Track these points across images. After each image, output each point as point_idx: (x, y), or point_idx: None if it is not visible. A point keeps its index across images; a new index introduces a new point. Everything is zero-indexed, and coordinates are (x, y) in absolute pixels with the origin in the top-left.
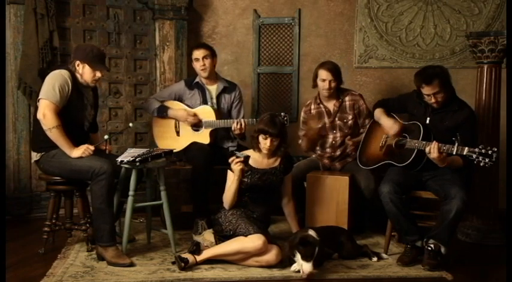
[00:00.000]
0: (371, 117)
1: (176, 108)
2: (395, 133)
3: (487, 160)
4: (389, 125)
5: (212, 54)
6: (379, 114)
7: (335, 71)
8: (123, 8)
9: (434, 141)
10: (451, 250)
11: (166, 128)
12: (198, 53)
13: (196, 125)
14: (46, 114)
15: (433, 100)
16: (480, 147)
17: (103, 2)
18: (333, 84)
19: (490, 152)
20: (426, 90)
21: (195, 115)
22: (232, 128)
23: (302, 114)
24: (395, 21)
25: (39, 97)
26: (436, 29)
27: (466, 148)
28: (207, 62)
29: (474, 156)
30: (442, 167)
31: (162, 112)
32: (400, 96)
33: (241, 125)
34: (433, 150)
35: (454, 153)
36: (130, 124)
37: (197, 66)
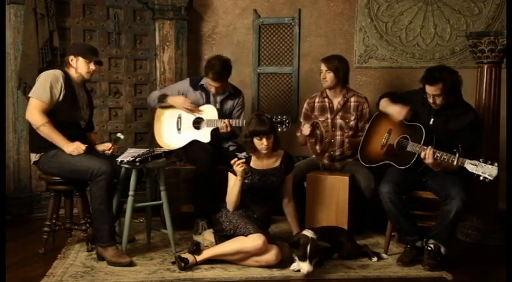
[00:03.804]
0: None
1: (175, 95)
2: (405, 116)
3: (487, 174)
4: (396, 110)
5: (226, 81)
6: (385, 103)
7: (332, 63)
8: (123, 8)
9: (429, 147)
10: (451, 250)
11: (168, 124)
12: (213, 83)
13: (198, 123)
14: (32, 114)
15: (431, 100)
16: (481, 160)
17: (103, 2)
18: (328, 76)
19: (490, 166)
20: (427, 88)
21: (193, 104)
22: (220, 127)
23: (305, 105)
24: (395, 21)
25: (29, 95)
26: (436, 29)
27: (467, 160)
28: (220, 88)
29: (474, 170)
30: (437, 171)
31: (162, 99)
32: (407, 92)
33: (226, 125)
34: (427, 156)
35: (455, 164)
36: (121, 135)
37: (209, 86)
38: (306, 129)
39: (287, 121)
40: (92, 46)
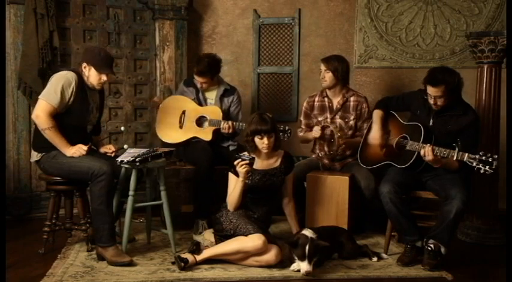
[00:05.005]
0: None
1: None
2: (374, 144)
3: (487, 167)
4: (374, 135)
5: (212, 78)
6: (375, 117)
7: (331, 63)
8: (123, 8)
9: (428, 144)
10: (451, 250)
11: (171, 119)
12: (198, 78)
13: (200, 121)
14: (39, 116)
15: (432, 101)
16: (480, 154)
17: (103, 2)
18: (326, 76)
19: (490, 159)
20: (429, 90)
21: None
22: (221, 128)
23: (304, 104)
24: (395, 21)
25: (39, 96)
26: (436, 29)
27: (467, 154)
28: (205, 85)
29: (474, 163)
30: (437, 167)
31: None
32: (404, 94)
33: (229, 126)
34: (427, 153)
35: (455, 159)
36: (122, 128)
37: (197, 82)
38: (316, 132)
39: (289, 131)
40: (107, 55)
